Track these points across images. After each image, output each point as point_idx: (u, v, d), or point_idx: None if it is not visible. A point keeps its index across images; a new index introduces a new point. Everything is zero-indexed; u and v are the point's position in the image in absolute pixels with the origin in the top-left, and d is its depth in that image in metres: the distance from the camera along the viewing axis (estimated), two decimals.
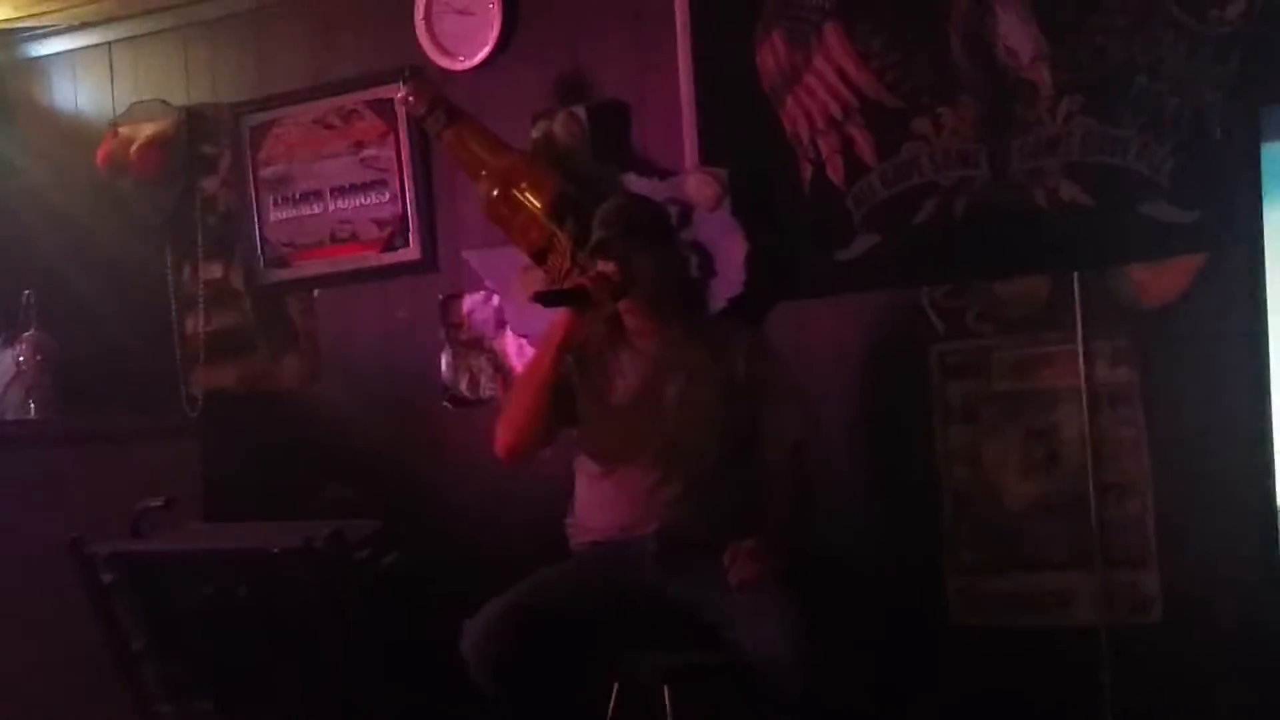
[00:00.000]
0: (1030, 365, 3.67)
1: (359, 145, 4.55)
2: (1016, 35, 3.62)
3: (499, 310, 4.31)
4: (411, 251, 4.48)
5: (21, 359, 4.18)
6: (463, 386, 4.40)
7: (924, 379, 3.77)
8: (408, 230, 4.48)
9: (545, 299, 3.46)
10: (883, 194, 3.77)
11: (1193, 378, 3.50)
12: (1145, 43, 3.48)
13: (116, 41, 5.02)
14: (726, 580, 3.22)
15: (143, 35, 4.97)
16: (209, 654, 3.36)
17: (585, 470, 3.52)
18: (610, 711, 3.37)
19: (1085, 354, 3.59)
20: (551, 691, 3.20)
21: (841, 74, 3.81)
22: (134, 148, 4.80)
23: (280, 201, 4.70)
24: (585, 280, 3.42)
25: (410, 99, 4.18)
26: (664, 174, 4.00)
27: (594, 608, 3.28)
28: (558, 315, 3.43)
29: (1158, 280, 3.54)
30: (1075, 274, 3.59)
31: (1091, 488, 3.57)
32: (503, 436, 3.50)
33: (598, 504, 3.48)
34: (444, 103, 4.14)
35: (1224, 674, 3.41)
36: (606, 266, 3.39)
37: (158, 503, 3.54)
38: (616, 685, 3.36)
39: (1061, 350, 3.62)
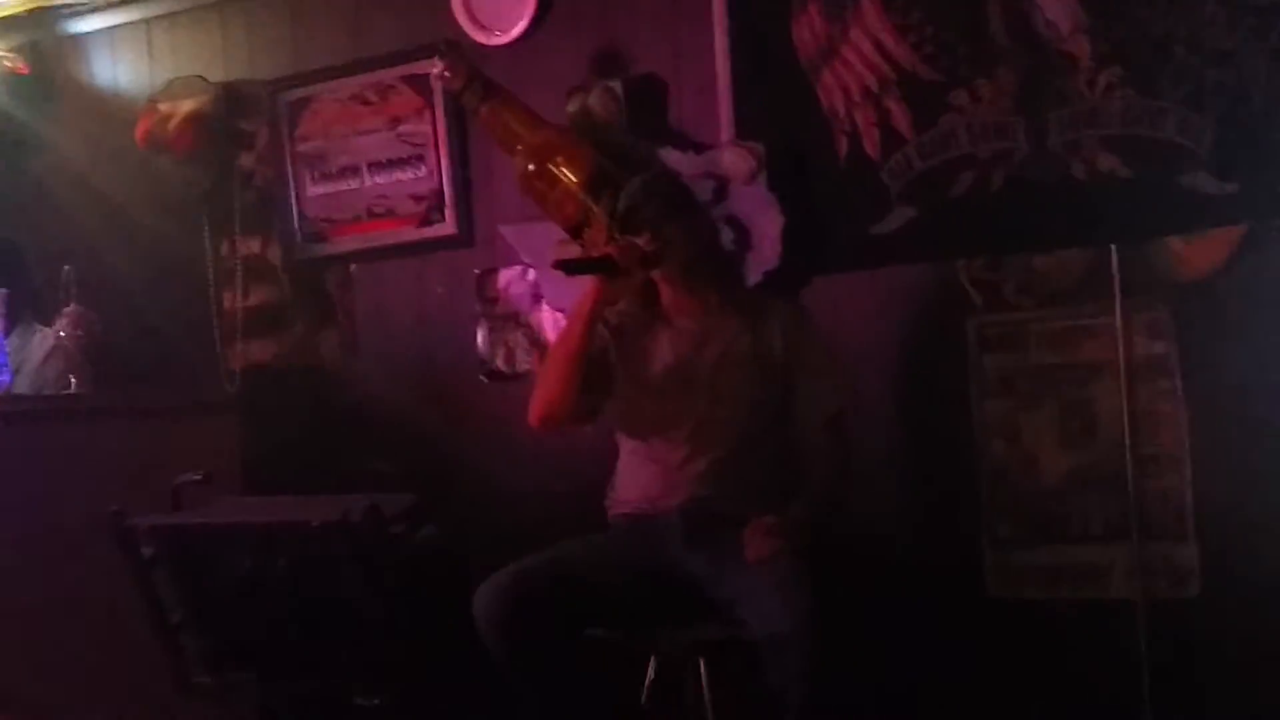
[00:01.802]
0: (1068, 338, 3.65)
1: (395, 120, 4.56)
2: (1055, 7, 3.59)
3: (535, 284, 4.32)
4: (448, 226, 4.49)
5: (62, 333, 4.21)
6: (499, 360, 4.41)
7: (961, 352, 3.76)
8: (444, 205, 4.49)
9: (567, 267, 3.46)
10: (919, 167, 3.75)
11: (1232, 350, 3.48)
12: (1185, 14, 3.45)
13: (155, 18, 5.04)
14: (744, 556, 3.22)
15: (181, 12, 4.99)
16: (247, 626, 3.38)
17: (624, 444, 3.53)
18: (646, 685, 3.38)
19: (1124, 327, 3.57)
20: (557, 658, 3.21)
21: (878, 46, 3.79)
22: (172, 124, 4.82)
23: (317, 177, 4.71)
24: (611, 250, 3.42)
25: (446, 74, 4.18)
26: (700, 148, 3.99)
27: (610, 579, 3.30)
28: (587, 286, 3.43)
29: (1197, 252, 3.52)
30: (1113, 246, 3.57)
31: (1129, 461, 3.56)
32: (535, 407, 3.49)
33: (631, 477, 3.50)
34: (480, 77, 4.14)
35: (1264, 648, 3.39)
36: (637, 238, 3.39)
37: (197, 477, 3.57)
38: (653, 658, 3.37)
39: (1100, 323, 3.61)
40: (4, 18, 5.06)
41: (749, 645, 3.12)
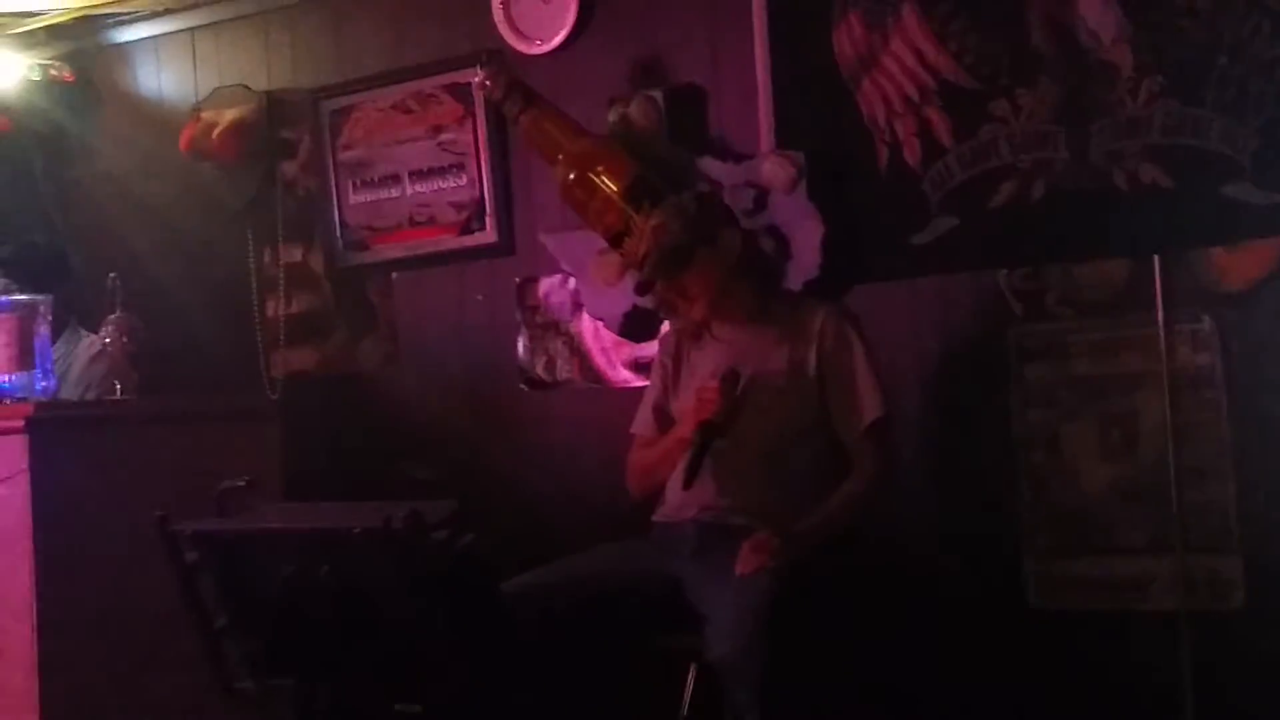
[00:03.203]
0: (1110, 349, 3.64)
1: (437, 129, 4.59)
2: (1097, 16, 3.58)
3: (575, 293, 4.33)
4: (488, 235, 4.51)
5: (107, 340, 4.24)
6: (539, 369, 4.43)
7: (1002, 362, 3.75)
8: (485, 214, 4.51)
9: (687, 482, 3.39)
10: (960, 177, 3.75)
11: (1276, 361, 3.46)
12: (1228, 24, 3.44)
13: (199, 27, 5.09)
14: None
15: (224, 21, 5.03)
16: (289, 632, 3.39)
17: None
18: (687, 694, 3.38)
19: (1166, 338, 3.55)
20: (573, 665, 3.27)
21: (919, 56, 3.79)
22: (216, 132, 4.86)
23: (359, 185, 4.74)
24: (708, 416, 3.33)
25: (487, 83, 4.20)
26: (740, 157, 4.00)
27: (610, 586, 3.35)
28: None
29: (1240, 263, 3.50)
30: (1156, 257, 3.56)
31: (1172, 472, 3.54)
32: (637, 486, 3.61)
33: (670, 487, 3.50)
34: (521, 87, 4.15)
35: None
36: (707, 391, 3.34)
37: (240, 483, 3.57)
38: (693, 667, 3.37)
39: (1142, 334, 3.59)
40: (49, 26, 5.12)
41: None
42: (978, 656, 3.66)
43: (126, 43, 5.23)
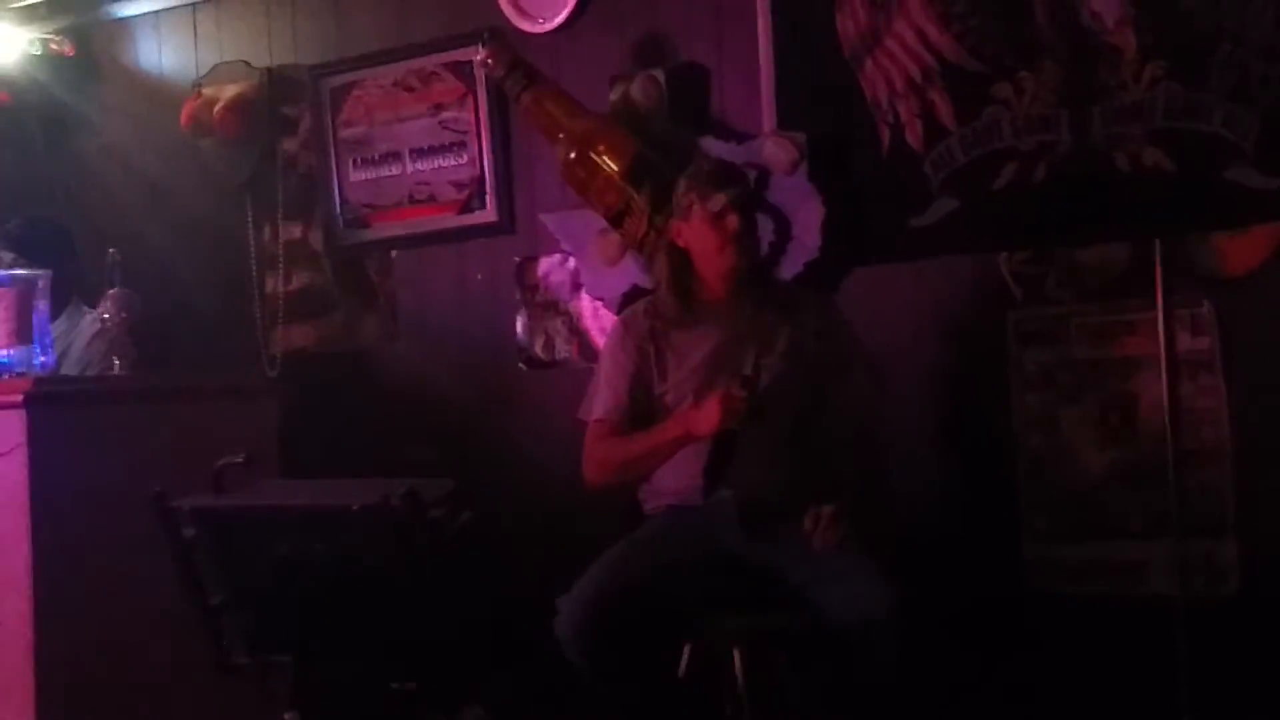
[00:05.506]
0: (1110, 333, 3.64)
1: (438, 107, 4.57)
2: None
3: (575, 273, 4.33)
4: (489, 213, 4.50)
5: (106, 316, 4.24)
6: (538, 348, 4.42)
7: (1002, 346, 3.75)
8: (485, 192, 4.50)
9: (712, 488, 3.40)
10: (962, 159, 3.73)
11: (1275, 345, 3.46)
12: (1231, 7, 3.43)
13: (200, 3, 5.07)
14: (808, 543, 3.23)
15: None
16: (286, 608, 3.40)
17: None
18: (681, 674, 3.39)
19: (1166, 322, 3.55)
20: (642, 665, 3.24)
21: (922, 37, 3.78)
22: (216, 108, 4.86)
23: (359, 163, 4.73)
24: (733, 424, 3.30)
25: (489, 61, 4.19)
26: (742, 137, 3.99)
27: (678, 577, 3.30)
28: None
29: (1241, 248, 3.50)
30: (1157, 241, 3.55)
31: (1170, 457, 3.54)
32: (596, 476, 3.55)
33: (671, 469, 3.47)
34: (523, 65, 4.14)
35: None
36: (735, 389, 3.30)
37: (238, 459, 3.57)
38: (688, 648, 3.37)
39: (1142, 318, 3.59)
40: (50, 1, 5.10)
41: (793, 635, 3.15)
42: (975, 639, 3.66)
43: (127, 17, 5.21)
